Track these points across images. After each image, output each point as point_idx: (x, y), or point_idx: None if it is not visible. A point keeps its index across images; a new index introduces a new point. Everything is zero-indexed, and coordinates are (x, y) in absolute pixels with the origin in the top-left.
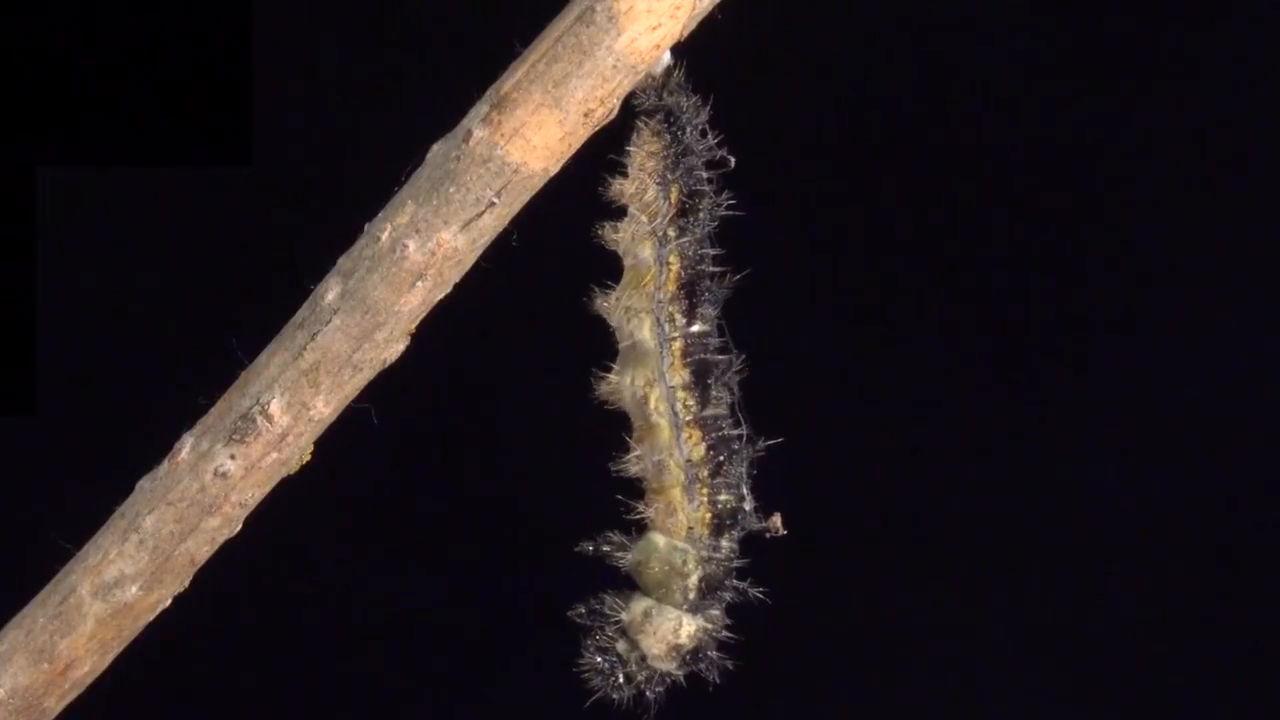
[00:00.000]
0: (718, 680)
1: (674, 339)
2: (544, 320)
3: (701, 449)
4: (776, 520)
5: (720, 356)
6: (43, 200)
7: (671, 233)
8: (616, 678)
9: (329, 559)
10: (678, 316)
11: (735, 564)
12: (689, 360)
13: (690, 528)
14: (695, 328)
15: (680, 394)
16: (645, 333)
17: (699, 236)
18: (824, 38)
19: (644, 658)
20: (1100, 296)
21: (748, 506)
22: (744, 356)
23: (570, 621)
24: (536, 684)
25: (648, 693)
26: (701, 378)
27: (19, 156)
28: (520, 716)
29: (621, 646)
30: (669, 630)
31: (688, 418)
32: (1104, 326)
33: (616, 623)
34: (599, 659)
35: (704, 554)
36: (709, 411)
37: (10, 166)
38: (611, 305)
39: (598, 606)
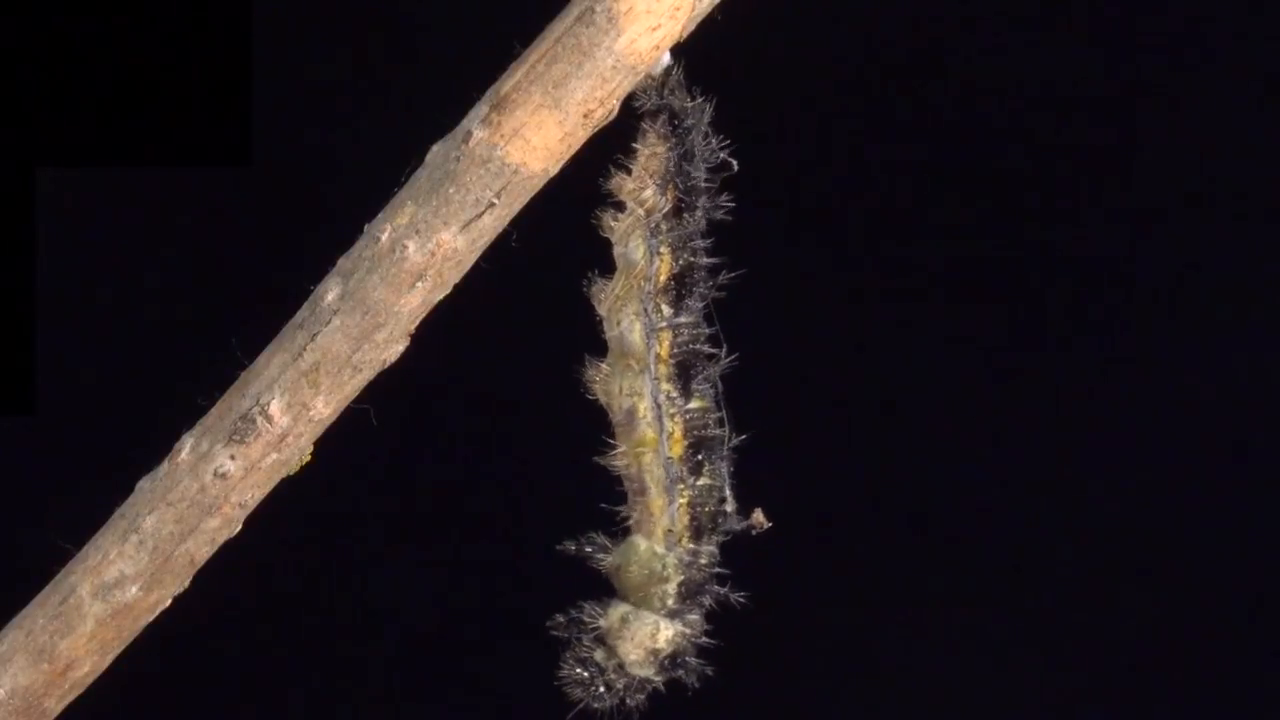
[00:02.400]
0: (697, 685)
1: (661, 329)
2: (544, 321)
3: (682, 445)
4: (759, 515)
5: (708, 349)
6: (43, 200)
7: (664, 225)
8: (596, 687)
9: (329, 559)
10: (665, 307)
11: (715, 570)
12: (675, 352)
13: (669, 530)
14: (682, 318)
15: (664, 386)
16: (632, 322)
17: (692, 231)
18: (824, 38)
19: (622, 665)
20: (1100, 294)
21: (729, 508)
22: (735, 355)
23: (554, 632)
24: (537, 686)
25: (628, 700)
26: (687, 370)
27: (19, 156)
28: (517, 718)
29: (600, 655)
30: (646, 636)
31: (671, 410)
32: (1104, 324)
33: (594, 630)
34: (578, 669)
35: (684, 559)
36: (693, 405)
37: (10, 166)
38: (604, 294)
39: (576, 615)
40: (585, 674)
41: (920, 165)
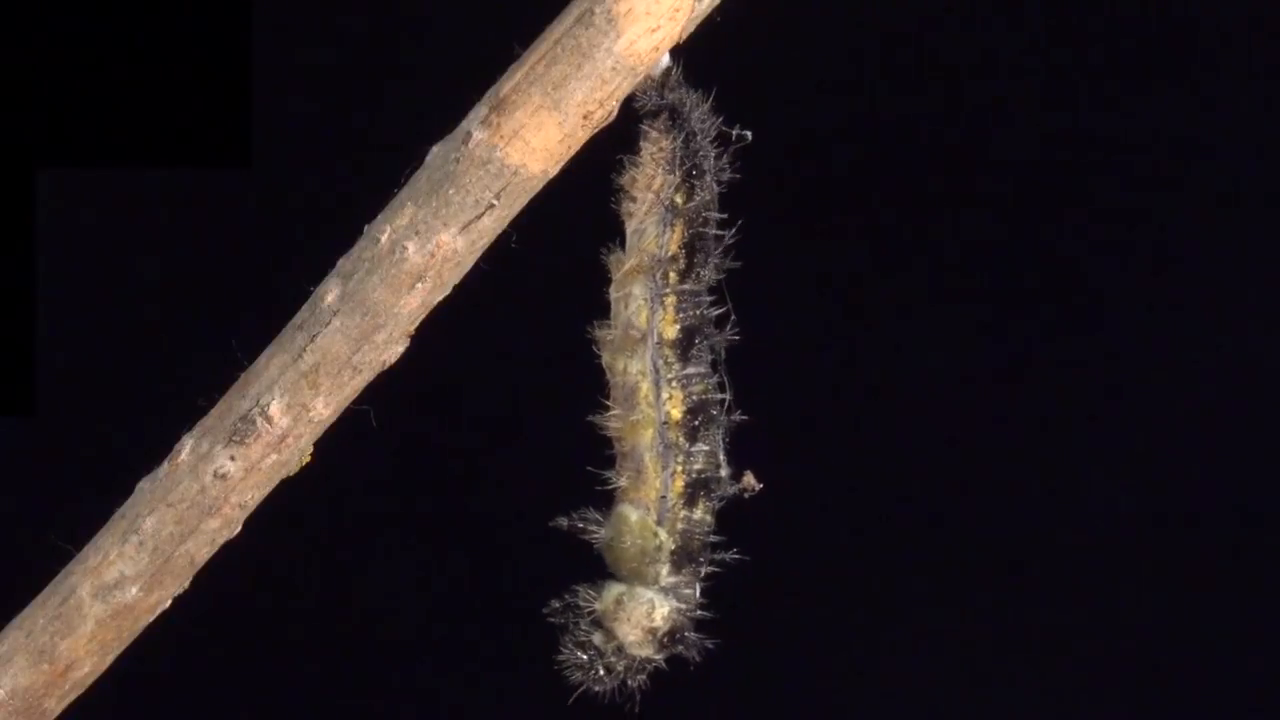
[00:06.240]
0: (698, 660)
1: (665, 296)
2: (543, 322)
3: (680, 410)
4: (749, 479)
5: (713, 316)
6: (43, 200)
7: (679, 199)
8: (596, 670)
9: (329, 559)
10: (673, 275)
11: (709, 536)
12: (679, 318)
13: (663, 496)
14: (687, 286)
15: (665, 353)
16: (639, 300)
17: (707, 200)
18: (824, 38)
19: (621, 647)
20: (1098, 292)
21: (722, 473)
22: (736, 329)
23: (550, 618)
24: (538, 684)
25: (629, 681)
26: (690, 338)
27: (19, 156)
28: (521, 715)
29: (598, 638)
30: (643, 614)
31: (669, 376)
32: (1103, 323)
33: (590, 613)
34: (578, 654)
35: (677, 527)
36: (692, 371)
37: (10, 166)
38: (619, 265)
39: (571, 600)
40: (584, 657)
41: (921, 162)
